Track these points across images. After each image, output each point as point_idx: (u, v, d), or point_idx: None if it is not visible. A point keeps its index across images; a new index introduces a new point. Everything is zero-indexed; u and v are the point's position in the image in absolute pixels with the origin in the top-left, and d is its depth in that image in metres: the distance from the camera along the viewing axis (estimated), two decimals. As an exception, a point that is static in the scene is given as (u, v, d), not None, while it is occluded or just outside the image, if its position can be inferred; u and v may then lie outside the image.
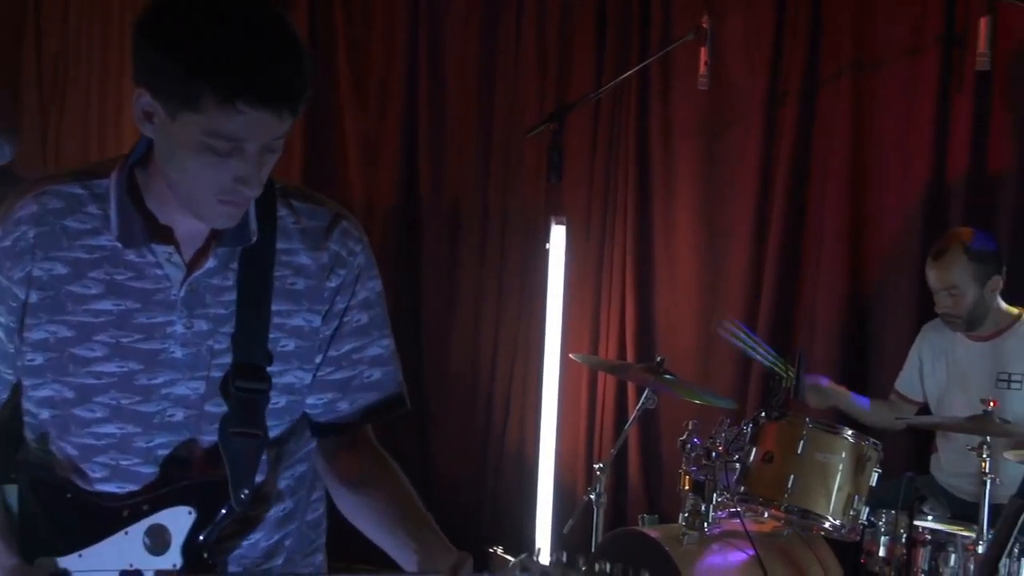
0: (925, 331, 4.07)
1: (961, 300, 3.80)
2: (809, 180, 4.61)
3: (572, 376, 4.87)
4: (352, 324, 1.83)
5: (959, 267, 3.78)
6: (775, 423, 3.57)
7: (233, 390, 1.73)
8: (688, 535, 3.45)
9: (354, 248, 1.82)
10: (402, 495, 1.83)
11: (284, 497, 1.85)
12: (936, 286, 3.85)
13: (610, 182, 4.96)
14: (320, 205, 1.82)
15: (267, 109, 1.58)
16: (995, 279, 3.81)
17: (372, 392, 1.86)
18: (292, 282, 1.77)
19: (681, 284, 4.87)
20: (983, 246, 3.80)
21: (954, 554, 3.35)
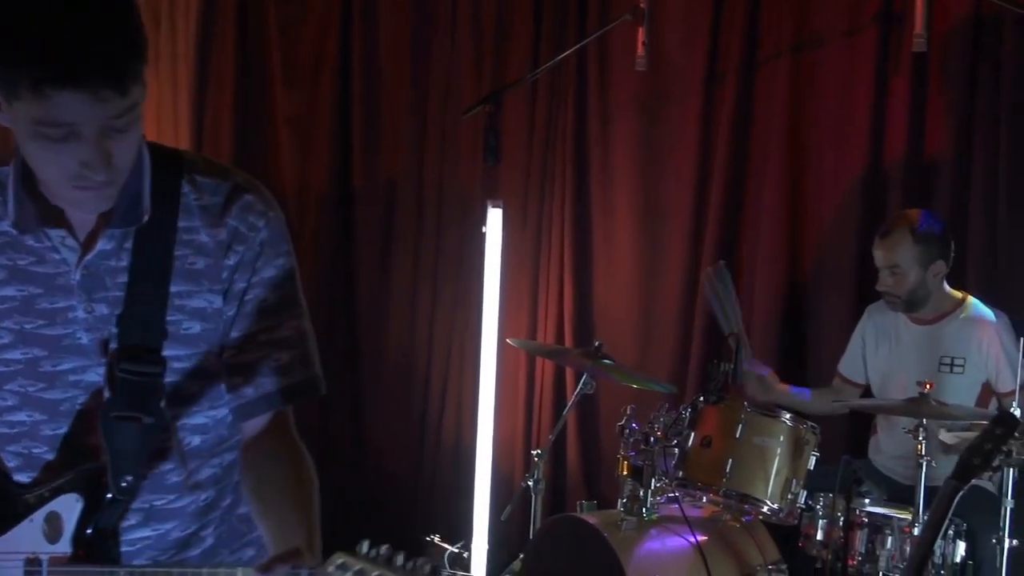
0: (869, 313, 4.12)
1: (903, 280, 3.86)
2: (748, 163, 4.65)
3: (509, 361, 4.88)
4: (255, 304, 1.77)
5: (903, 248, 3.83)
6: (713, 407, 3.60)
7: (118, 373, 1.69)
8: (626, 521, 3.48)
9: (256, 223, 1.76)
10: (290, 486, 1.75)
11: (205, 487, 1.82)
12: (880, 264, 3.91)
13: (547, 165, 4.96)
14: (223, 179, 1.77)
15: (78, 90, 1.51)
16: (939, 264, 3.86)
17: (280, 376, 1.79)
18: (192, 261, 1.73)
19: (619, 268, 4.89)
20: (930, 229, 3.85)
21: (891, 536, 3.41)
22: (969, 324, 3.87)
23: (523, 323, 4.97)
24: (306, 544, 1.62)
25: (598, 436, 4.88)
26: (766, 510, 3.55)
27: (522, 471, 4.79)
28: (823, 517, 3.54)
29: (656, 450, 3.54)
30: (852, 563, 3.43)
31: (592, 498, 4.19)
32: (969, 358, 3.84)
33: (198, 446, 1.80)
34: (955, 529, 3.43)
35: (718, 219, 4.64)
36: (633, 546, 3.43)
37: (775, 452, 3.54)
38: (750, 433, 3.53)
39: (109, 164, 1.60)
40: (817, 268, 4.55)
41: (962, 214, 4.23)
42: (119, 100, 1.55)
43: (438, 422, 5.15)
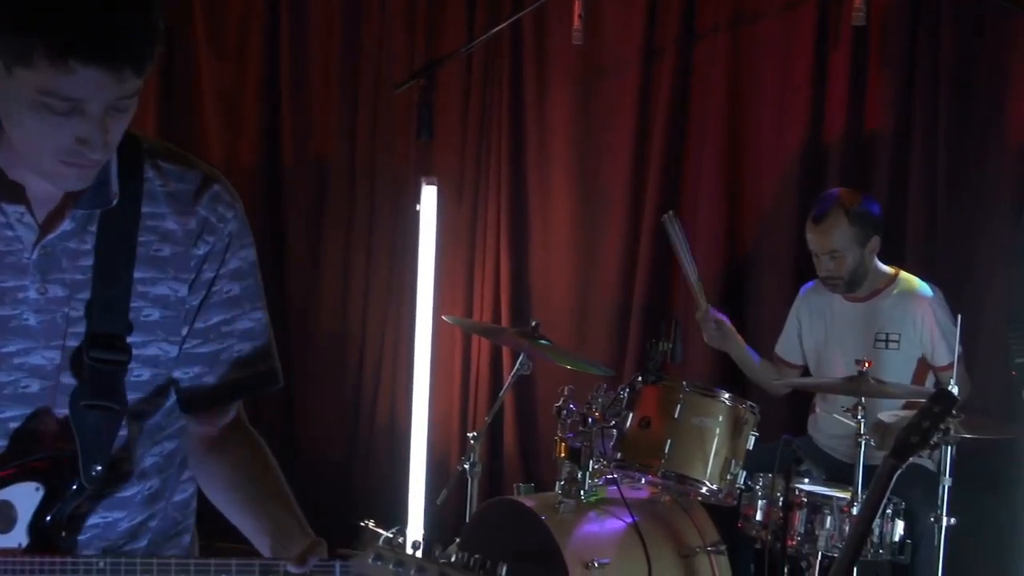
0: (803, 293, 4.16)
1: (843, 263, 3.90)
2: (686, 138, 4.67)
3: (445, 341, 4.87)
4: (221, 295, 1.78)
5: (840, 231, 3.86)
6: (652, 387, 3.61)
7: (87, 361, 1.69)
8: (564, 503, 3.49)
9: (225, 214, 1.77)
10: (262, 473, 1.81)
11: (150, 476, 1.82)
12: (817, 250, 3.93)
13: (483, 141, 4.95)
14: (191, 167, 1.77)
15: (103, 68, 1.51)
16: (874, 240, 3.91)
17: (241, 367, 1.82)
18: (157, 248, 1.73)
19: (556, 246, 4.89)
20: (863, 208, 3.90)
21: (830, 516, 3.45)
22: (903, 299, 3.93)
23: (458, 302, 4.96)
24: (300, 530, 1.69)
25: (535, 418, 4.89)
26: (705, 491, 3.57)
27: (458, 454, 4.79)
28: (762, 497, 3.57)
29: (594, 431, 3.55)
30: (791, 543, 3.46)
31: (529, 481, 4.20)
32: (904, 333, 3.89)
33: (143, 435, 1.79)
34: (893, 508, 3.48)
35: (656, 196, 4.65)
36: (571, 529, 3.44)
37: (714, 432, 3.56)
38: (689, 413, 3.55)
39: (106, 144, 1.60)
40: (756, 246, 4.58)
41: (901, 189, 4.28)
42: (135, 81, 1.56)
43: (372, 403, 5.13)
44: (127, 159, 1.70)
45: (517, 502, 3.58)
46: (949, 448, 3.38)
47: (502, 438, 4.90)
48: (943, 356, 3.78)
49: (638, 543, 3.47)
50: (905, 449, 2.72)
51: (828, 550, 3.44)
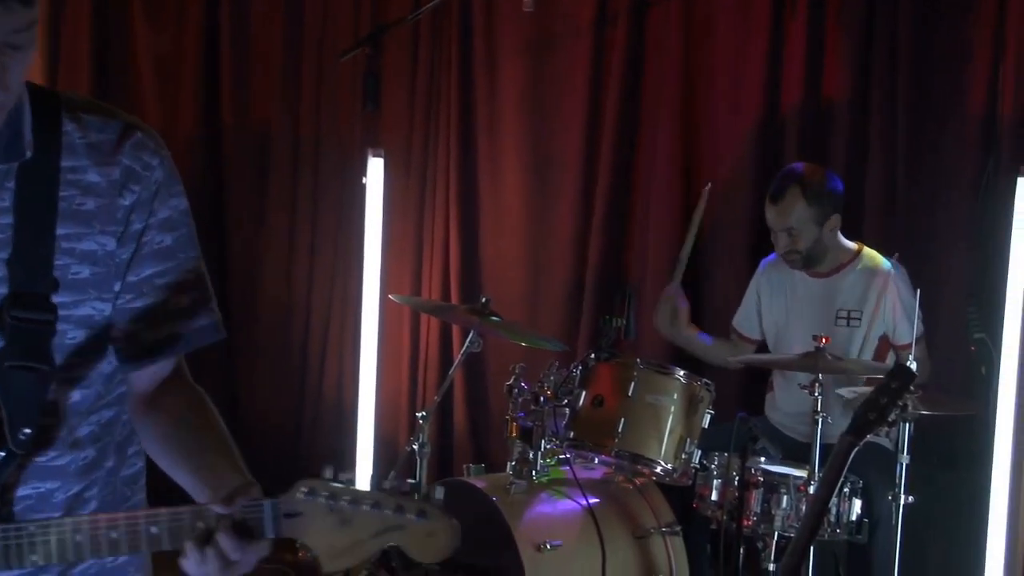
0: (763, 267, 4.16)
1: (800, 240, 3.90)
2: (640, 109, 4.64)
3: (393, 319, 4.83)
4: (153, 246, 1.74)
5: (797, 209, 3.86)
6: (605, 365, 3.60)
7: (9, 320, 1.64)
8: (516, 484, 3.47)
9: (150, 162, 1.73)
10: (202, 427, 1.78)
11: (85, 445, 1.77)
12: (774, 227, 3.93)
13: (431, 111, 4.90)
14: (111, 117, 1.73)
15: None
16: (834, 218, 3.91)
17: (179, 321, 1.78)
18: (80, 202, 1.68)
19: (508, 219, 4.86)
20: (821, 186, 3.88)
21: (786, 495, 3.46)
22: (866, 275, 3.93)
23: (407, 278, 4.93)
24: (241, 478, 1.65)
25: (486, 396, 4.87)
26: (659, 470, 3.57)
27: (406, 434, 4.77)
28: (718, 477, 3.57)
29: (546, 410, 3.53)
30: (747, 523, 3.46)
31: (480, 461, 4.19)
32: (866, 310, 3.90)
33: (78, 401, 1.75)
34: (851, 486, 3.49)
35: (610, 168, 4.63)
36: (522, 510, 3.43)
37: (668, 410, 3.55)
38: (643, 391, 3.54)
39: (4, 84, 1.57)
40: (713, 219, 4.57)
41: (859, 163, 4.28)
42: (24, 12, 1.53)
43: (317, 383, 5.09)
44: (43, 112, 1.66)
45: (467, 483, 3.56)
46: (907, 425, 3.39)
47: (452, 418, 4.89)
48: (904, 334, 3.78)
49: (591, 524, 3.46)
50: (862, 427, 2.72)
51: (784, 530, 3.44)
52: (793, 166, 3.99)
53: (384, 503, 1.47)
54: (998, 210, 3.91)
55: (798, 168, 3.95)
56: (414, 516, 1.45)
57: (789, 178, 3.90)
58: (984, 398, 3.83)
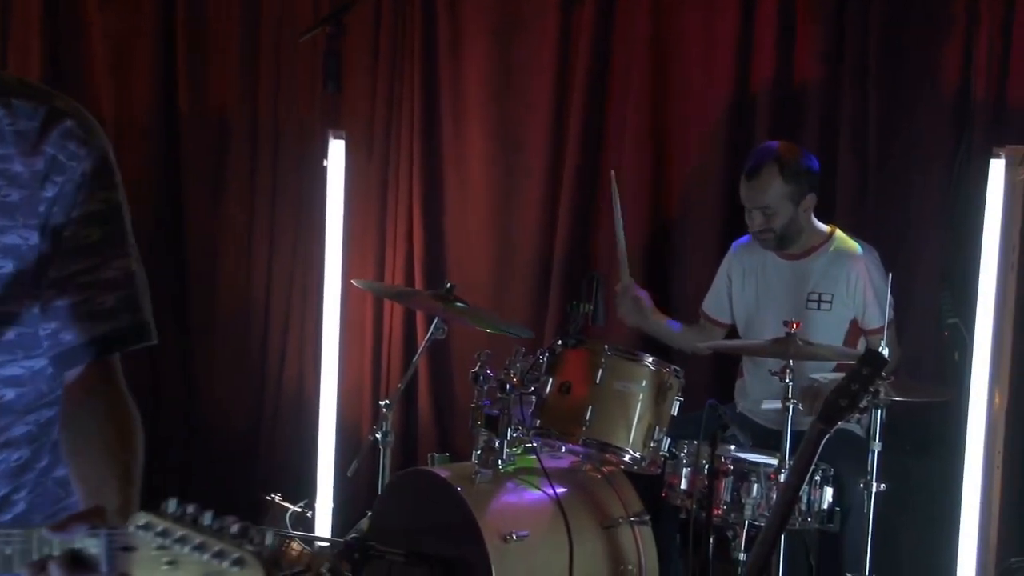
0: (735, 249, 4.15)
1: (774, 219, 3.89)
2: (608, 91, 4.61)
3: (355, 305, 4.81)
4: (78, 241, 1.69)
5: (773, 187, 3.85)
6: (573, 351, 3.58)
7: None
8: (481, 474, 3.45)
9: (77, 152, 1.68)
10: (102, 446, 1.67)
11: (20, 445, 1.74)
12: (749, 204, 3.92)
13: (394, 92, 4.85)
14: (42, 103, 1.68)
15: None
16: (810, 197, 3.90)
17: (105, 321, 1.71)
18: (5, 194, 1.64)
19: (473, 203, 4.83)
20: (799, 164, 3.87)
21: (756, 484, 3.45)
22: (838, 258, 3.93)
23: (369, 263, 4.89)
24: (118, 506, 1.55)
25: (451, 384, 4.85)
26: (628, 459, 3.56)
27: (369, 423, 4.74)
28: (687, 465, 3.56)
29: (512, 398, 3.51)
30: (717, 512, 3.45)
31: (444, 450, 4.18)
32: (837, 294, 3.90)
33: (12, 400, 1.72)
34: (822, 474, 3.48)
35: (577, 151, 4.61)
36: (488, 500, 3.40)
37: (637, 398, 3.54)
38: (611, 378, 3.52)
39: None
40: (682, 201, 4.57)
41: (831, 144, 4.28)
42: None
43: (278, 371, 5.05)
44: None
45: (431, 473, 3.54)
46: (879, 412, 3.39)
47: (416, 406, 4.86)
48: (875, 319, 3.79)
49: (558, 514, 3.44)
50: (833, 413, 2.73)
51: (755, 519, 3.44)
52: (769, 143, 3.99)
53: (207, 546, 1.36)
54: (971, 192, 3.91)
55: (775, 145, 3.94)
56: (229, 565, 1.34)
57: (766, 155, 3.90)
58: (957, 384, 3.85)
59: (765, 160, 3.88)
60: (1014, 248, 3.71)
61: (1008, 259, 3.71)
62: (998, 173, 3.72)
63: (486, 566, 3.25)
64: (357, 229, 4.79)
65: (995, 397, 3.71)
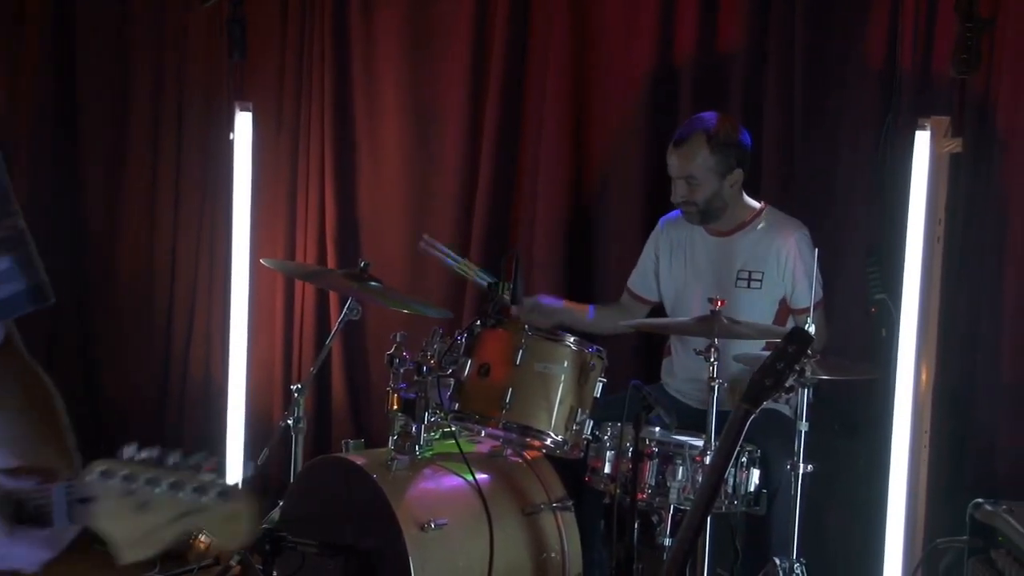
0: (662, 225, 4.17)
1: (698, 190, 3.91)
2: (527, 59, 4.63)
3: (264, 285, 4.79)
4: None
5: (699, 157, 3.88)
6: (491, 332, 3.59)
7: None
8: (397, 460, 3.46)
9: None
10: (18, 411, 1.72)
11: None
12: (674, 173, 3.94)
13: (303, 61, 4.84)
14: None
15: None
16: (737, 171, 3.93)
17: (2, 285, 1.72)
18: None
19: (387, 178, 4.83)
20: (728, 136, 3.90)
21: (682, 467, 3.48)
22: (768, 235, 3.97)
23: (279, 242, 4.88)
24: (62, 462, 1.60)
25: (366, 367, 4.86)
26: (549, 443, 3.58)
27: (281, 409, 4.73)
28: (610, 448, 3.58)
29: (429, 381, 3.52)
30: (641, 497, 3.48)
31: (360, 436, 4.19)
32: (767, 271, 3.94)
33: None
34: (748, 456, 3.54)
35: (496, 123, 4.62)
36: (405, 487, 3.42)
37: (558, 379, 3.56)
38: (531, 359, 3.54)
39: None
40: (604, 174, 4.59)
41: (756, 117, 4.32)
42: None
43: (183, 356, 5.03)
44: None
45: (346, 460, 3.54)
46: (806, 391, 3.44)
47: (329, 390, 4.86)
48: (803, 298, 3.78)
49: (478, 501, 3.47)
50: (758, 393, 2.76)
51: (680, 503, 3.47)
52: (703, 114, 4.00)
53: (183, 483, 1.39)
54: (898, 164, 3.98)
55: (707, 116, 3.97)
56: (214, 497, 1.37)
57: (696, 124, 3.93)
58: (885, 362, 3.91)
59: (694, 130, 3.91)
60: (940, 221, 3.78)
61: (933, 232, 3.78)
62: (923, 145, 3.78)
63: (403, 556, 3.26)
64: (266, 206, 4.77)
65: (921, 375, 3.78)
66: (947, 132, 3.78)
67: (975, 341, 3.97)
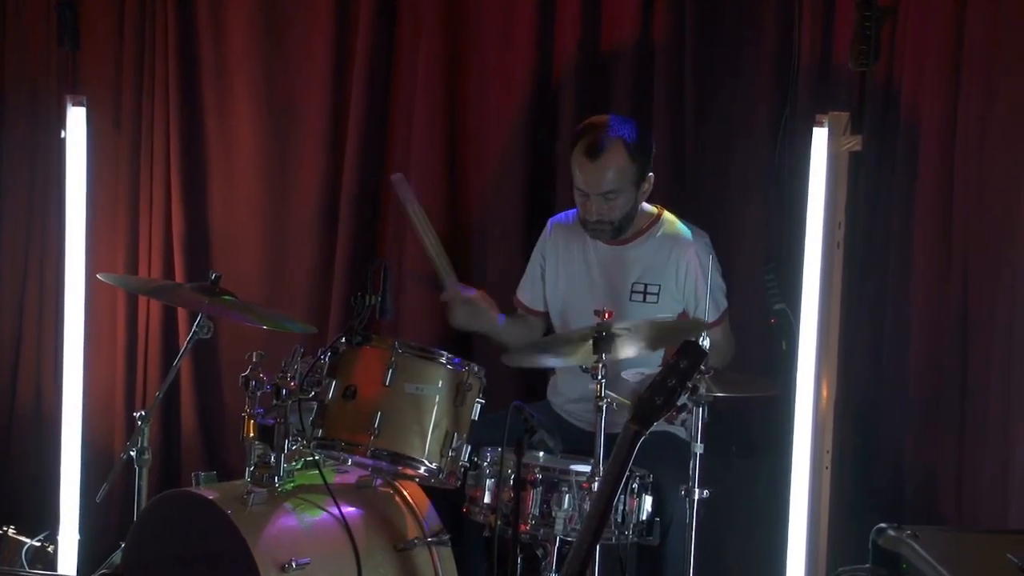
0: (550, 229, 4.20)
1: (616, 206, 3.91)
2: (395, 55, 4.65)
3: (103, 302, 4.74)
4: None
5: (620, 167, 3.87)
6: (358, 350, 3.60)
7: None
8: (254, 494, 3.45)
9: None
10: None
11: None
12: (589, 189, 3.90)
13: (144, 50, 4.80)
14: None
15: None
16: (649, 177, 3.96)
17: None
18: None
19: (241, 181, 4.82)
20: (642, 140, 3.92)
21: (568, 495, 3.51)
22: (665, 244, 4.02)
23: (120, 254, 4.84)
24: None
25: (219, 391, 4.84)
26: (423, 471, 3.59)
27: (123, 439, 4.68)
28: (491, 476, 3.60)
29: (289, 405, 3.51)
30: (525, 528, 3.51)
31: (212, 468, 4.14)
32: (665, 284, 3.99)
33: None
34: (639, 482, 3.58)
35: (361, 122, 4.63)
36: (263, 524, 3.40)
37: (432, 401, 3.57)
38: (402, 379, 3.55)
39: None
40: (483, 178, 4.63)
41: (644, 114, 4.38)
42: None
43: (11, 381, 4.97)
44: None
45: (196, 494, 3.51)
46: (700, 410, 3.49)
47: (178, 417, 4.83)
48: (707, 313, 3.79)
49: (345, 538, 3.47)
50: (648, 413, 2.80)
51: (567, 534, 3.50)
52: (607, 118, 3.98)
53: None
54: (796, 163, 4.06)
55: (615, 120, 3.96)
56: None
57: (607, 131, 3.90)
58: (785, 377, 3.98)
59: (610, 137, 3.88)
60: (839, 225, 3.86)
61: (833, 237, 3.85)
62: (821, 143, 3.86)
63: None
64: (104, 213, 4.72)
65: (822, 391, 3.86)
66: (846, 129, 3.86)
67: (880, 352, 4.08)
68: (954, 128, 3.88)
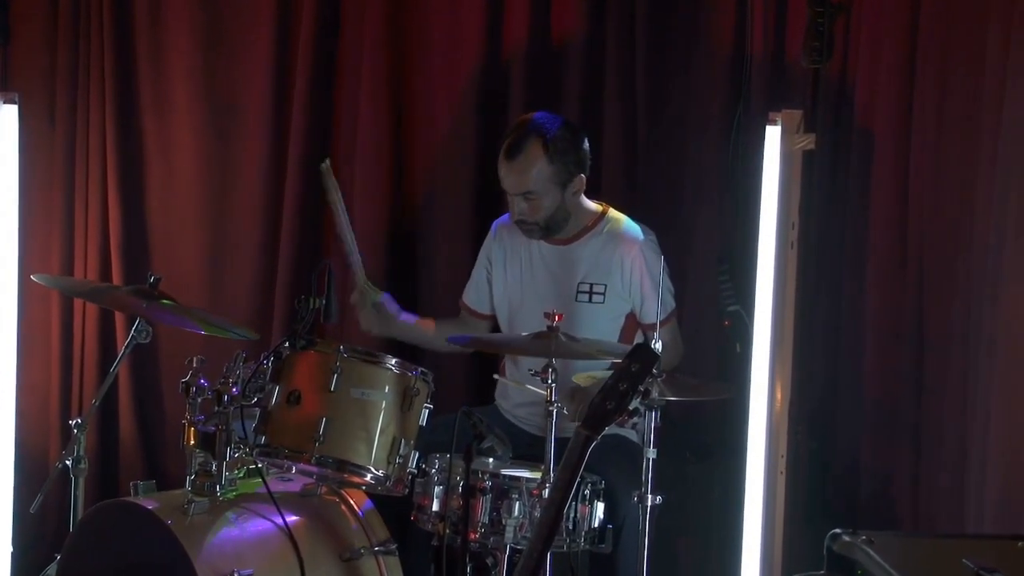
0: (495, 230, 4.23)
1: (539, 207, 3.96)
2: (338, 51, 4.67)
3: (37, 306, 4.72)
4: None
5: (537, 169, 3.92)
6: (302, 354, 3.60)
7: None
8: (195, 503, 3.44)
9: None
10: None
11: None
12: (511, 190, 3.98)
13: (79, 45, 4.78)
14: None
15: None
16: (579, 179, 3.99)
17: None
18: None
19: (181, 180, 4.81)
20: (566, 140, 3.95)
21: (518, 502, 3.53)
22: (611, 243, 4.05)
23: (54, 254, 4.81)
24: None
25: (158, 397, 4.82)
26: (370, 478, 3.60)
27: (58, 447, 4.66)
28: (439, 483, 3.62)
29: (231, 411, 3.51)
30: (474, 536, 3.53)
31: (151, 477, 4.13)
32: (610, 284, 4.03)
33: None
34: (591, 488, 3.60)
35: (305, 118, 4.64)
36: (204, 534, 3.40)
37: (379, 407, 3.58)
38: (347, 384, 3.56)
39: None
40: (430, 176, 4.65)
41: (595, 110, 4.42)
42: None
43: (-61, 389, 4.90)
44: None
45: (134, 504, 3.50)
46: (652, 414, 3.50)
47: (115, 425, 4.82)
48: (653, 312, 3.83)
49: (289, 547, 3.47)
50: (600, 417, 2.82)
51: (517, 542, 3.52)
52: (532, 116, 4.02)
53: None
54: (749, 162, 4.10)
55: (538, 118, 3.99)
56: None
57: (527, 130, 3.94)
58: (740, 380, 4.01)
59: (527, 136, 3.93)
60: (793, 225, 3.90)
61: (787, 236, 3.89)
62: (774, 141, 3.90)
63: (203, 613, 3.26)
64: (38, 213, 4.70)
65: (776, 394, 3.90)
66: (799, 127, 3.90)
67: (835, 355, 4.12)
68: (909, 126, 3.91)
